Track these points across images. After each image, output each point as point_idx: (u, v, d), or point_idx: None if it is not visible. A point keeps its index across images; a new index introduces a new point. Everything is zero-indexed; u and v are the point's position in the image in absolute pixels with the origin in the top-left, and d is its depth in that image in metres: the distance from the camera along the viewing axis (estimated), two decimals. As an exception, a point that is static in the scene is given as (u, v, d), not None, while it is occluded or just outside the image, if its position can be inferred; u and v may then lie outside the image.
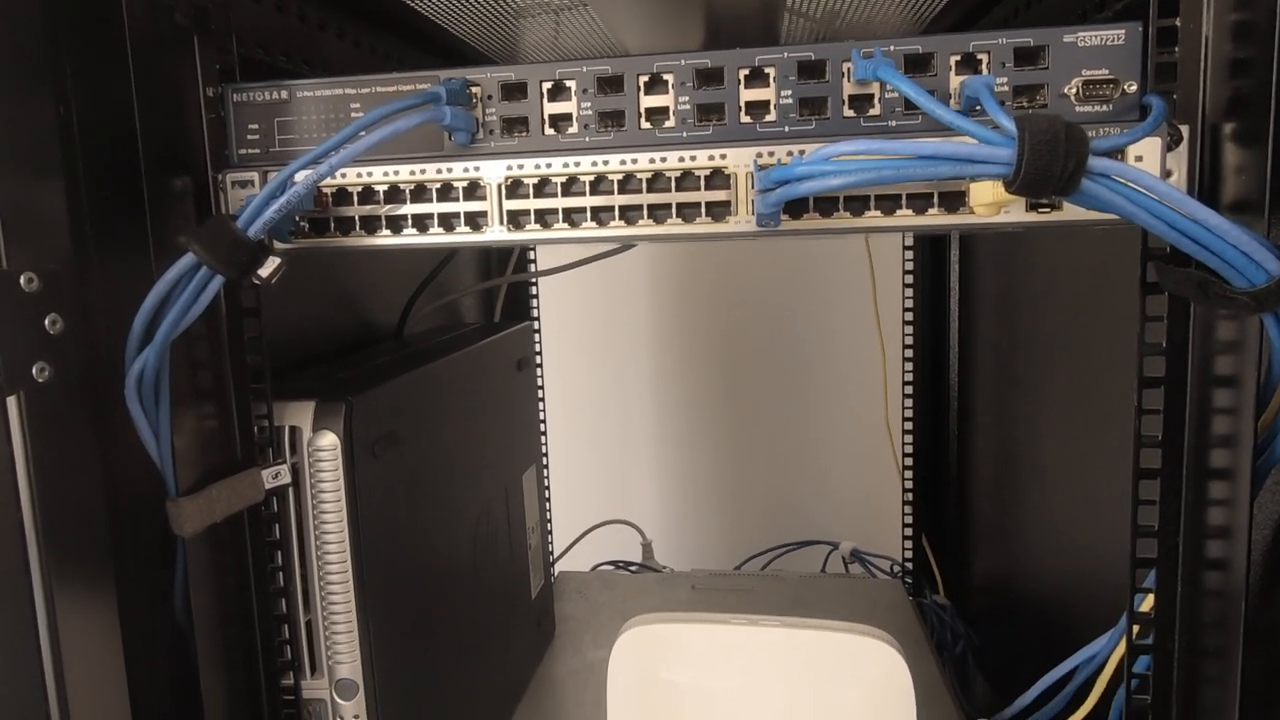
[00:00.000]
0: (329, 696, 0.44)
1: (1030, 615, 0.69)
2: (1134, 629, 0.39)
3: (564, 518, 1.08)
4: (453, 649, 0.55)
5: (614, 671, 0.52)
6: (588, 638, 0.82)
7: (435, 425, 0.54)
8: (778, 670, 0.50)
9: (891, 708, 0.49)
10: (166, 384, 0.35)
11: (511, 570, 0.69)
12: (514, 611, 0.70)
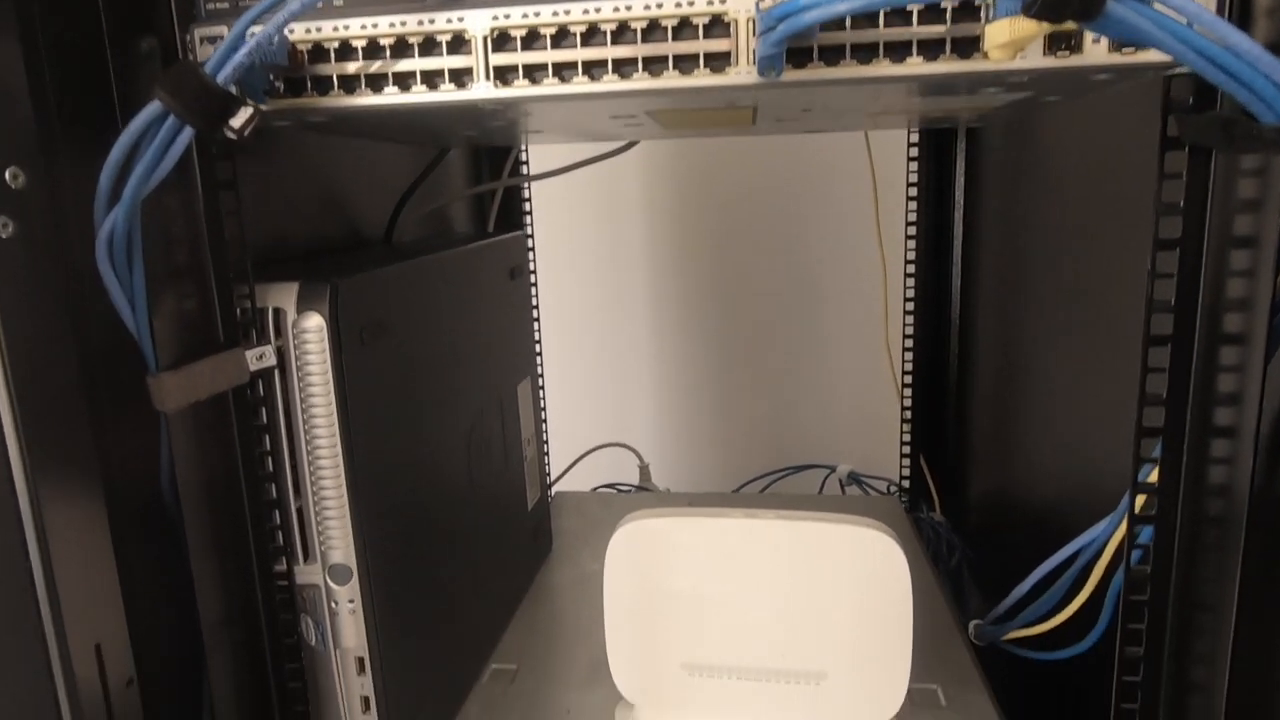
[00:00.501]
0: (323, 582, 0.43)
1: (1027, 530, 0.68)
2: (1137, 500, 0.38)
3: (561, 442, 1.08)
4: (447, 548, 0.55)
5: (610, 566, 0.52)
6: (585, 552, 0.82)
7: (426, 321, 0.52)
8: (776, 563, 0.50)
9: (889, 599, 0.49)
10: (139, 249, 0.34)
11: (507, 478, 0.69)
12: (510, 520, 0.70)
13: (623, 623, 0.52)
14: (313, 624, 0.44)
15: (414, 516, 0.49)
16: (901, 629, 0.49)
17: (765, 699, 0.51)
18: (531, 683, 0.59)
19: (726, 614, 0.50)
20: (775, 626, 0.50)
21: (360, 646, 0.44)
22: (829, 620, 0.49)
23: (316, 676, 0.45)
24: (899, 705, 0.50)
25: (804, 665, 0.50)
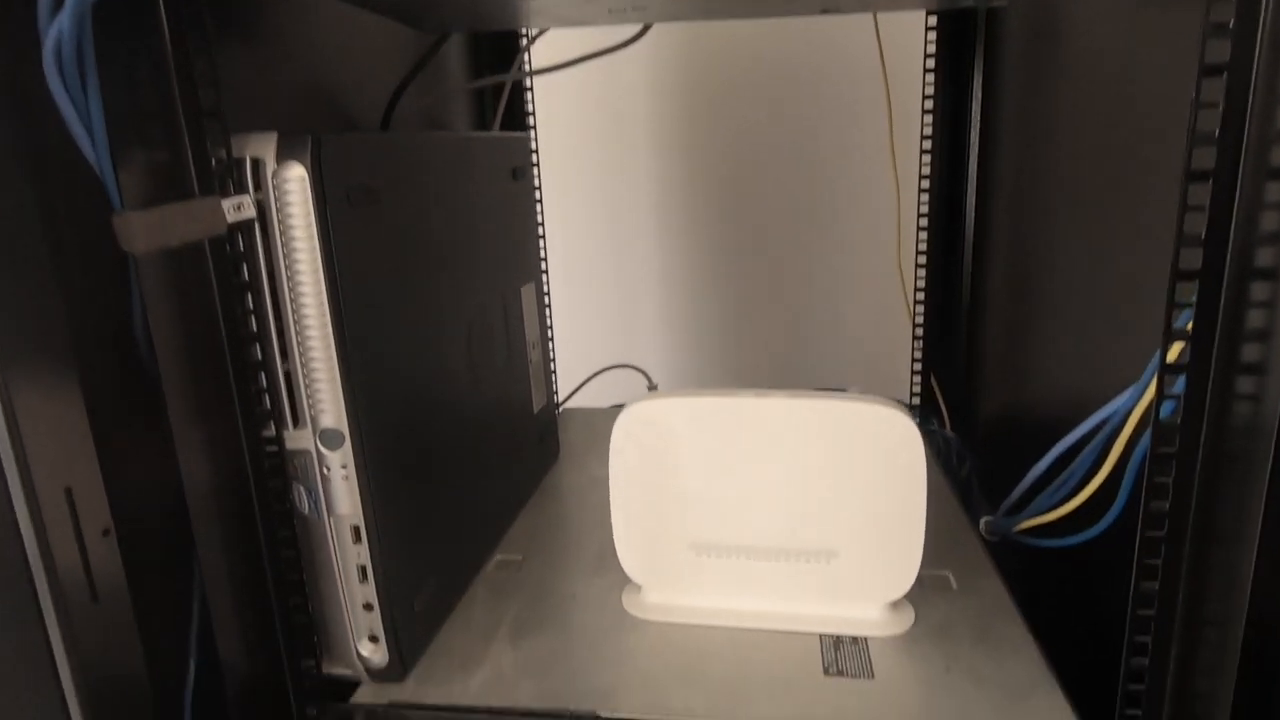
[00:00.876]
0: (313, 447, 0.42)
1: (1039, 441, 0.66)
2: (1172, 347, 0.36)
3: (568, 364, 1.06)
4: (447, 431, 0.54)
5: (617, 447, 0.50)
6: (592, 458, 0.81)
7: (419, 198, 0.50)
8: (787, 441, 0.48)
9: (903, 475, 0.47)
10: (93, 67, 0.31)
11: (512, 378, 0.67)
12: (515, 420, 0.68)
13: (629, 504, 0.51)
14: (304, 492, 0.43)
15: (411, 391, 0.48)
16: (915, 505, 0.47)
17: (774, 578, 0.50)
18: (537, 571, 0.59)
19: (736, 493, 0.49)
20: (785, 505, 0.49)
21: (355, 514, 0.43)
22: (841, 498, 0.48)
23: (311, 546, 0.44)
24: (910, 584, 0.48)
25: (814, 544, 0.49)
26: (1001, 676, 0.45)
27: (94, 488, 0.34)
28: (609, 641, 0.50)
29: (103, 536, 0.34)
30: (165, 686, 0.40)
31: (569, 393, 1.04)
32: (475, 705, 0.44)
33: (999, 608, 0.52)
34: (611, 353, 1.15)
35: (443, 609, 0.53)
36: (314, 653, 0.45)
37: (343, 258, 0.40)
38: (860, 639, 0.49)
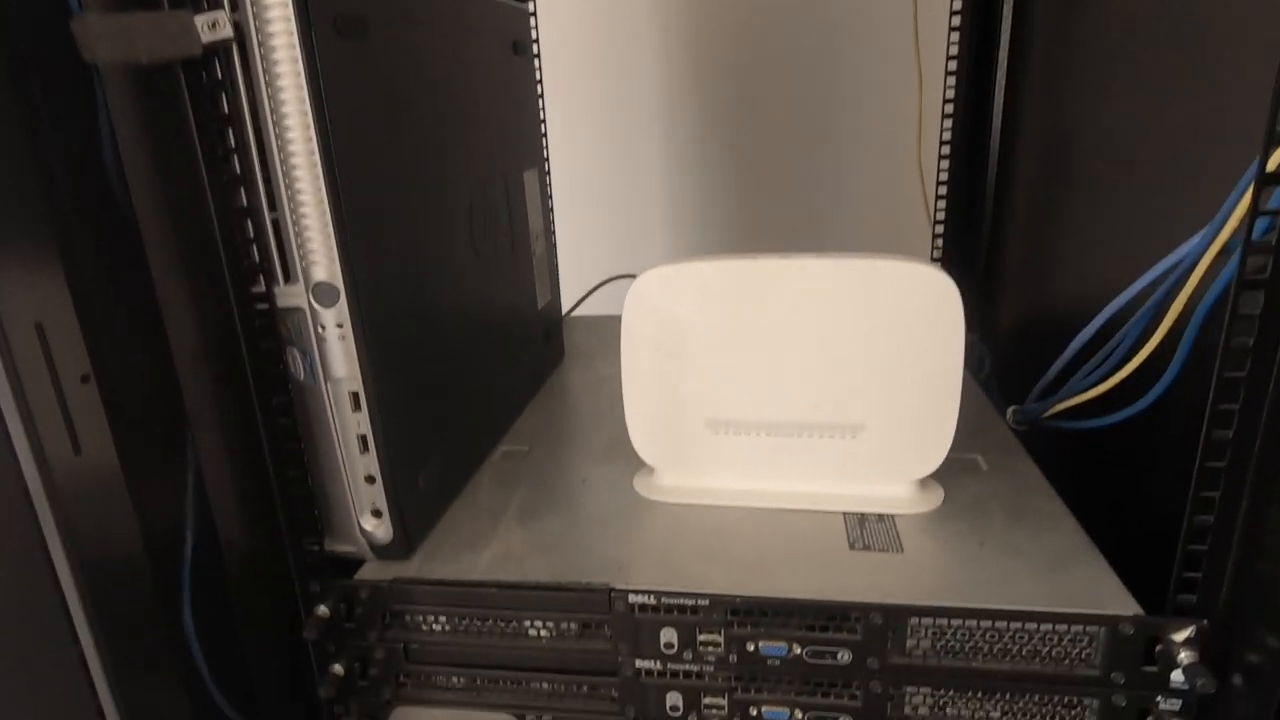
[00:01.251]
0: (306, 304, 0.39)
1: (1066, 341, 0.63)
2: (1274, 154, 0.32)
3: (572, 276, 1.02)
4: (448, 309, 0.50)
5: (630, 318, 0.47)
6: (599, 359, 0.78)
7: (413, 41, 0.46)
8: (814, 306, 0.45)
9: (940, 341, 0.44)
10: None
11: (515, 266, 0.64)
12: (519, 312, 0.65)
13: (642, 379, 0.48)
14: (299, 355, 0.40)
15: (409, 253, 0.44)
16: (951, 372, 0.44)
17: (796, 455, 0.47)
18: (545, 460, 0.56)
19: (757, 365, 0.46)
20: (810, 376, 0.46)
21: (353, 379, 0.40)
22: (871, 367, 0.45)
23: (308, 413, 0.41)
24: (942, 459, 0.46)
25: (841, 418, 0.46)
26: (1039, 549, 0.42)
27: (69, 328, 0.31)
28: (622, 521, 0.47)
29: (81, 383, 0.31)
30: (161, 559, 0.38)
31: (573, 304, 1.01)
32: (484, 580, 0.42)
33: (1033, 486, 0.49)
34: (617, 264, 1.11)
35: (448, 491, 0.50)
36: (315, 527, 0.43)
37: (332, 93, 0.37)
38: (887, 517, 0.47)
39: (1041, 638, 0.38)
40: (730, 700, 0.42)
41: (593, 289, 1.05)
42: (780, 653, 0.40)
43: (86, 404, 0.31)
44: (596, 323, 0.92)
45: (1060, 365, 0.55)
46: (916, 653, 0.39)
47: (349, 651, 0.44)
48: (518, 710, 0.44)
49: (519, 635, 0.43)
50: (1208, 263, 0.39)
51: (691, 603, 0.40)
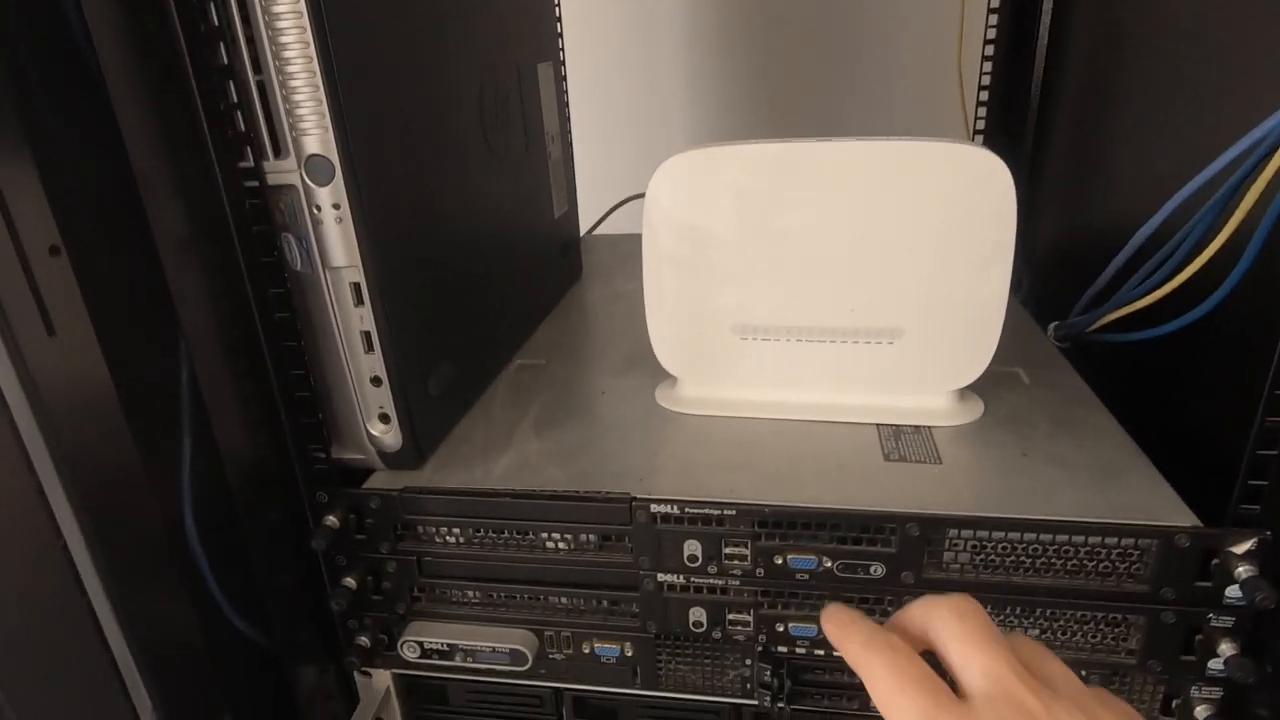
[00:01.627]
0: (299, 181, 0.36)
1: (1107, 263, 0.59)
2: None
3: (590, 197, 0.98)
4: (457, 203, 0.47)
5: (652, 213, 0.43)
6: (619, 276, 0.75)
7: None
8: (851, 195, 0.41)
9: (989, 233, 0.40)
10: None
11: (529, 168, 0.60)
12: (534, 219, 0.62)
13: (665, 281, 0.45)
14: (294, 241, 0.37)
15: (412, 134, 0.41)
16: (999, 270, 0.41)
17: (828, 364, 0.44)
18: (562, 372, 0.54)
19: (788, 264, 0.43)
20: (846, 275, 0.42)
21: (353, 268, 0.37)
22: (913, 264, 0.41)
23: (308, 307, 0.39)
24: (986, 364, 0.43)
25: (877, 321, 0.43)
26: (1087, 459, 0.40)
27: (30, 192, 0.28)
28: (643, 432, 0.45)
29: (50, 255, 0.29)
30: (156, 460, 0.36)
31: (593, 223, 0.98)
32: (499, 489, 0.40)
33: (1079, 398, 0.46)
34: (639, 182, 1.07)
35: (460, 401, 0.48)
36: (320, 433, 0.41)
37: (321, -61, 0.33)
38: (923, 428, 0.44)
39: (1088, 551, 0.36)
40: (756, 616, 0.40)
41: (613, 207, 1.01)
42: (810, 566, 0.38)
43: (57, 279, 0.29)
44: (616, 241, 0.89)
45: (1112, 273, 0.51)
46: (954, 566, 0.37)
47: (361, 564, 0.43)
48: (535, 626, 0.42)
49: (536, 548, 0.41)
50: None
51: (717, 513, 0.38)
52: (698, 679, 0.42)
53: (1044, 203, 0.78)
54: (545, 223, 0.65)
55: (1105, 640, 0.37)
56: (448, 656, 0.42)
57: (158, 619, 0.35)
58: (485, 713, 0.46)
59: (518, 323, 0.59)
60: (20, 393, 0.29)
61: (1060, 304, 0.60)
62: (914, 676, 0.24)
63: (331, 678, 0.45)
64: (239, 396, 0.39)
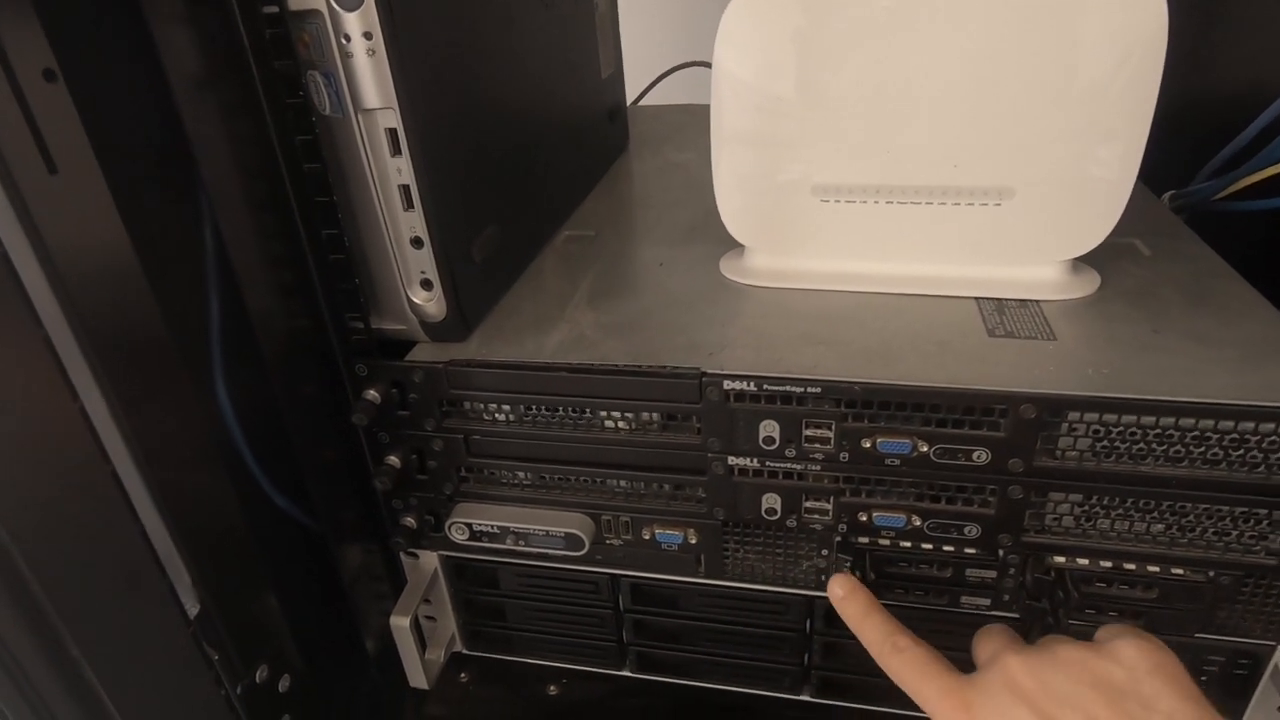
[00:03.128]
0: (325, 5, 0.30)
1: (1231, 128, 0.51)
2: None
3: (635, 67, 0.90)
4: (500, 46, 0.41)
5: (722, 53, 0.37)
6: (669, 146, 0.69)
7: None
8: (958, 22, 0.34)
9: (1133, 69, 0.34)
10: None
11: (577, 20, 0.53)
12: (581, 77, 0.56)
13: (736, 134, 0.39)
14: (322, 79, 0.32)
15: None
16: (1137, 119, 0.34)
17: (923, 229, 0.39)
18: (614, 243, 0.49)
19: (880, 110, 0.37)
20: (950, 123, 0.36)
21: (389, 110, 0.32)
22: (1031, 114, 0.35)
23: (340, 158, 0.34)
24: (1108, 231, 0.37)
25: (983, 179, 0.37)
26: (1231, 336, 0.35)
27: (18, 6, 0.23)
28: (709, 306, 0.40)
29: (45, 80, 0.24)
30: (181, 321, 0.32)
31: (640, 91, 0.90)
32: (553, 363, 0.36)
33: (1214, 270, 0.41)
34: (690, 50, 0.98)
35: (507, 270, 0.44)
36: (358, 300, 0.37)
37: None
38: (1030, 302, 0.39)
39: (1232, 439, 0.31)
40: (836, 504, 0.36)
41: (662, 75, 0.94)
42: (903, 450, 0.34)
43: (55, 107, 0.25)
44: (663, 112, 0.82)
45: (1254, 134, 0.44)
46: (1071, 453, 0.33)
47: (405, 442, 0.40)
48: (592, 510, 0.39)
49: (594, 427, 0.37)
50: None
51: (800, 390, 0.34)
52: (768, 569, 0.39)
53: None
54: (593, 81, 0.59)
55: (1243, 538, 0.33)
56: (498, 539, 0.39)
57: (192, 494, 0.32)
58: (537, 598, 0.44)
59: (565, 190, 0.54)
60: (23, 240, 0.25)
61: (1173, 172, 0.53)
62: (928, 665, 0.30)
63: (377, 558, 0.43)
64: (268, 258, 0.35)
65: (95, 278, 0.28)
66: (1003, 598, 0.37)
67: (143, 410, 0.30)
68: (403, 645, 0.43)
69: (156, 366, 0.30)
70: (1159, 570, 0.34)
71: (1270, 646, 0.35)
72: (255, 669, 0.35)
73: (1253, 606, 0.34)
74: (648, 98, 0.90)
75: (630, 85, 0.89)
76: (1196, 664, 0.37)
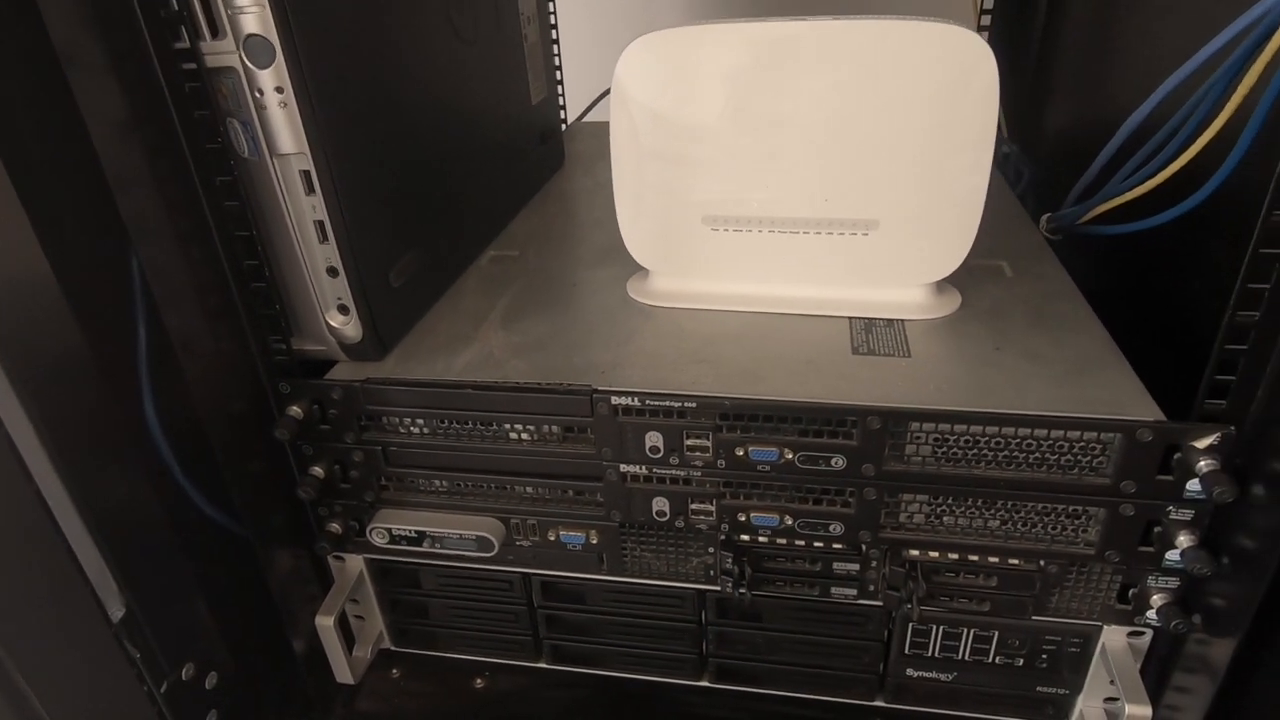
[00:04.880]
0: (240, 64, 0.34)
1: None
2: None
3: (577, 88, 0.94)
4: (417, 85, 0.45)
5: (619, 97, 0.41)
6: (601, 165, 0.73)
7: None
8: (827, 75, 0.39)
9: (971, 115, 0.38)
10: None
11: (502, 54, 0.57)
12: (508, 106, 0.59)
13: (635, 170, 0.43)
14: (239, 126, 0.35)
15: (364, 11, 0.38)
16: (979, 158, 0.39)
17: (801, 256, 0.43)
18: (535, 264, 0.53)
19: (761, 151, 0.41)
20: (820, 164, 0.41)
21: (301, 155, 0.35)
22: (888, 152, 0.40)
23: (259, 196, 0.37)
24: (963, 256, 0.41)
25: (851, 212, 0.42)
26: (1060, 354, 0.39)
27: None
28: (610, 325, 0.44)
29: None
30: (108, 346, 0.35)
31: (582, 110, 0.94)
32: (461, 380, 0.40)
33: (1060, 292, 0.45)
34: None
35: (426, 293, 0.47)
36: (279, 324, 0.40)
37: None
38: (896, 321, 0.43)
39: (1051, 445, 0.35)
40: (718, 506, 0.40)
41: (602, 95, 0.97)
42: (771, 458, 0.38)
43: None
44: (599, 129, 0.86)
45: (1103, 162, 0.49)
46: (915, 459, 0.37)
47: (328, 454, 0.43)
48: (502, 514, 0.43)
49: (500, 439, 0.41)
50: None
51: (678, 405, 0.37)
52: (662, 566, 0.43)
53: (1052, 92, 0.74)
54: (521, 109, 0.62)
55: (1065, 532, 0.37)
56: (416, 543, 0.43)
57: (117, 505, 0.35)
58: (457, 596, 0.48)
59: (491, 212, 0.57)
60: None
61: (1060, 198, 0.58)
62: None
63: (307, 563, 0.46)
64: (193, 285, 0.38)
65: (16, 303, 0.31)
66: (868, 588, 0.41)
67: (66, 426, 0.32)
68: (328, 643, 0.46)
69: (79, 385, 0.33)
70: (998, 561, 0.38)
71: (1097, 626, 0.40)
72: (181, 667, 0.38)
73: (1079, 591, 0.39)
74: (593, 113, 0.94)
75: (581, 100, 0.93)
76: (1036, 644, 0.41)
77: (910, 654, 0.43)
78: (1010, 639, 0.42)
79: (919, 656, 0.43)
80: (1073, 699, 0.43)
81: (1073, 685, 0.42)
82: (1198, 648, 0.38)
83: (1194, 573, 0.35)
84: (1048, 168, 0.73)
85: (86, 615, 0.33)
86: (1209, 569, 0.35)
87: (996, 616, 0.40)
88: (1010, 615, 0.39)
